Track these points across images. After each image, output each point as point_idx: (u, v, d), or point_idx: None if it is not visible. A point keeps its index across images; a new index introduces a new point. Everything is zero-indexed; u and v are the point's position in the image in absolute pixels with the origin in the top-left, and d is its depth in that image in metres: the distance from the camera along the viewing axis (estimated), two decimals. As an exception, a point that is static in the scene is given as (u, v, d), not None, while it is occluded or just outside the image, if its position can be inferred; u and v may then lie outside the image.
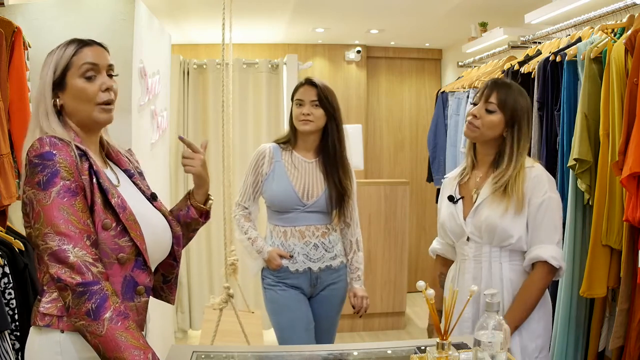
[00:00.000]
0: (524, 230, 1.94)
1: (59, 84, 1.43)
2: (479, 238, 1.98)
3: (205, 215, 1.67)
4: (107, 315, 1.27)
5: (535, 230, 1.94)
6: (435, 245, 2.24)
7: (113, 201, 1.39)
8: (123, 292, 1.39)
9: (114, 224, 1.38)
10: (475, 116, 1.97)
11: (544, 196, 1.94)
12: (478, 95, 2.01)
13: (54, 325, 1.36)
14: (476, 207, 1.98)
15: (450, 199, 2.07)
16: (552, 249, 1.93)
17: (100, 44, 1.49)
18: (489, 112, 1.96)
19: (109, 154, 1.57)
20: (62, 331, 1.35)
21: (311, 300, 2.51)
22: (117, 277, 1.39)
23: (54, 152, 1.34)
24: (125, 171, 1.57)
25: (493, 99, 1.96)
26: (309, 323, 2.46)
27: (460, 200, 2.05)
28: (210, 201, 1.68)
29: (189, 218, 1.64)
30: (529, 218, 1.94)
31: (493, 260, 1.97)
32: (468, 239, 2.01)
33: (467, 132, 2.00)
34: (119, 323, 1.28)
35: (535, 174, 1.96)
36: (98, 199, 1.37)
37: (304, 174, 2.46)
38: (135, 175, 1.58)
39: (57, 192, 1.32)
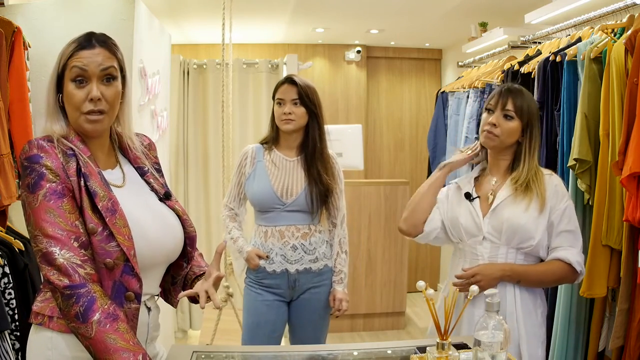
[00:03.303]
0: (544, 234, 1.93)
1: (59, 82, 1.42)
2: (497, 239, 1.95)
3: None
4: (95, 317, 1.27)
5: (559, 236, 1.94)
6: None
7: (100, 205, 1.36)
8: (112, 297, 1.37)
9: (99, 229, 1.35)
10: (494, 125, 1.96)
11: (566, 203, 1.96)
12: (492, 102, 2.00)
13: (45, 324, 1.38)
14: (495, 207, 1.96)
15: (467, 196, 2.03)
16: (577, 254, 1.94)
17: (103, 45, 1.42)
18: (507, 119, 1.96)
19: (124, 150, 1.54)
20: (53, 329, 1.37)
21: (292, 304, 2.48)
22: (107, 282, 1.37)
23: (41, 155, 1.35)
24: (138, 169, 1.55)
25: (510, 106, 1.96)
26: (274, 331, 2.45)
27: (477, 199, 2.02)
28: None
29: (180, 286, 1.60)
30: (553, 223, 1.94)
31: (509, 262, 1.95)
32: (483, 238, 1.98)
33: (487, 141, 2.00)
34: (108, 325, 1.27)
35: (556, 183, 1.97)
36: (85, 203, 1.36)
37: (285, 173, 2.44)
38: (148, 173, 1.55)
39: (43, 194, 1.32)
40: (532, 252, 1.95)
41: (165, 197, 1.54)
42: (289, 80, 2.44)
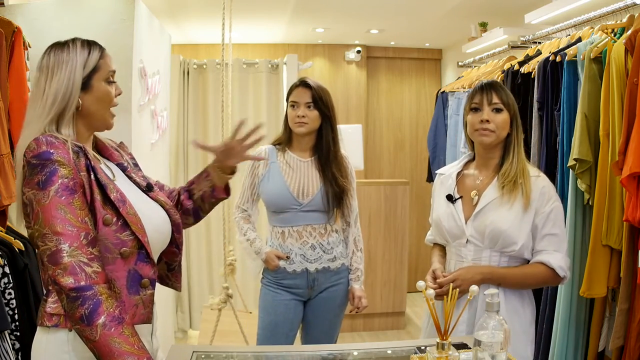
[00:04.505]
0: (528, 237, 1.91)
1: (83, 85, 1.44)
2: (480, 242, 1.93)
3: (228, 190, 1.73)
4: (101, 321, 1.27)
5: (543, 240, 1.91)
6: (430, 237, 2.20)
7: (112, 196, 1.40)
8: (128, 286, 1.40)
9: (114, 219, 1.39)
10: (487, 121, 1.94)
11: (552, 206, 1.92)
12: (477, 101, 1.97)
13: (62, 324, 1.36)
14: (479, 211, 1.94)
15: (449, 198, 2.02)
16: (562, 258, 1.91)
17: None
18: (497, 112, 1.95)
19: (100, 150, 1.59)
20: (70, 330, 1.35)
21: (309, 302, 2.50)
22: (122, 272, 1.39)
23: (51, 150, 1.35)
24: (119, 165, 1.58)
25: (496, 99, 1.95)
26: (291, 329, 2.47)
27: (459, 200, 2.00)
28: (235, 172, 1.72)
29: (214, 197, 1.71)
30: (537, 226, 1.91)
31: (492, 265, 1.93)
32: (467, 241, 1.96)
33: (483, 139, 1.96)
34: (113, 329, 1.27)
35: (542, 184, 1.94)
36: (97, 195, 1.39)
37: (299, 173, 2.46)
38: (129, 168, 1.59)
39: (55, 190, 1.33)
40: (516, 255, 1.92)
41: (148, 189, 1.59)
42: (303, 83, 2.45)
